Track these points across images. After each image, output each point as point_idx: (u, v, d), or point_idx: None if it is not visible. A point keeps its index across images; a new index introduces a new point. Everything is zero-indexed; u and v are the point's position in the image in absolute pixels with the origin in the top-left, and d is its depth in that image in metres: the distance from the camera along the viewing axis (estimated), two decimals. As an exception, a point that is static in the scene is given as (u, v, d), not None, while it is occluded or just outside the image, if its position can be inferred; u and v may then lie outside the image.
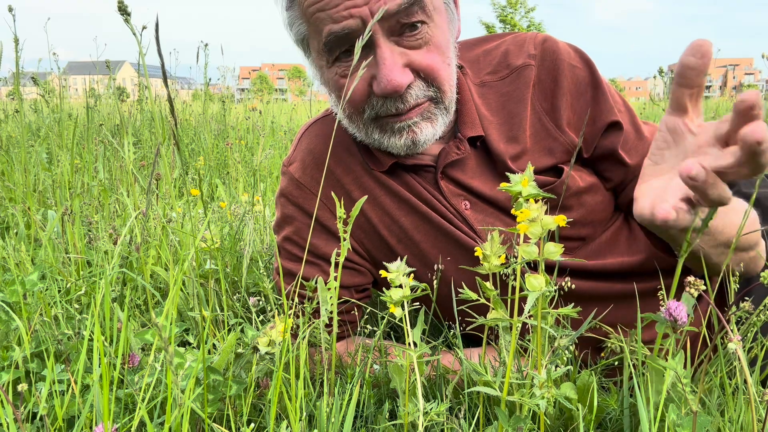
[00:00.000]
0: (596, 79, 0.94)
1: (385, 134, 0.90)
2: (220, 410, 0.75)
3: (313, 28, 0.85)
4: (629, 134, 0.93)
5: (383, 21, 0.80)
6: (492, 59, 0.99)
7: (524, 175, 0.58)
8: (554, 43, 0.96)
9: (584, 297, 0.91)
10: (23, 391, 0.66)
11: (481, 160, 0.96)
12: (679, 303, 0.62)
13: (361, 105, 0.88)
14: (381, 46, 0.82)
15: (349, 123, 0.93)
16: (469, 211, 0.95)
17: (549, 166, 0.93)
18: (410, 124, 0.88)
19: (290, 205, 1.03)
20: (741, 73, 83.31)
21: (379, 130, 0.90)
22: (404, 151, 0.92)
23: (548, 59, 0.95)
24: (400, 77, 0.82)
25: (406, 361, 0.69)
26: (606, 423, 0.74)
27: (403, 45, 0.84)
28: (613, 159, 0.93)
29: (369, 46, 0.83)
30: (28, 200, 1.73)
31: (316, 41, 0.86)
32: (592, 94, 0.93)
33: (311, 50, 0.91)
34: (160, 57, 0.62)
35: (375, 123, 0.90)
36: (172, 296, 0.66)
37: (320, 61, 0.89)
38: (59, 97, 3.03)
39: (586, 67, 0.95)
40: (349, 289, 1.02)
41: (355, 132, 0.95)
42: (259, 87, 22.00)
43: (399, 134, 0.89)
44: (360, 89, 0.86)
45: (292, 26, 0.90)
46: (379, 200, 0.98)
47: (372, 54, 0.83)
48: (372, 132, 0.91)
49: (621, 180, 0.95)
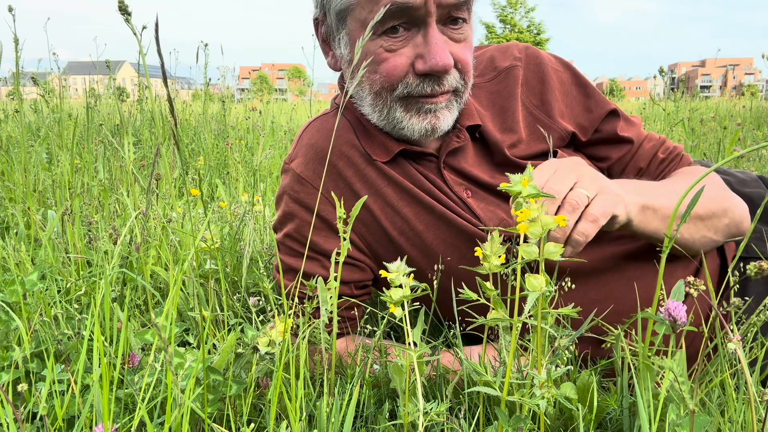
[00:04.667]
0: (580, 79, 1.04)
1: (408, 113, 0.92)
2: (220, 410, 0.75)
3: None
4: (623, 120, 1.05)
5: (439, 8, 0.85)
6: (478, 64, 1.05)
7: (524, 175, 0.58)
8: (536, 50, 1.06)
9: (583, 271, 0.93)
10: (23, 391, 0.66)
11: (479, 150, 1.00)
12: (678, 303, 0.62)
13: (397, 81, 0.90)
14: (432, 27, 0.86)
15: (372, 100, 0.94)
16: (471, 200, 0.98)
17: (544, 152, 0.99)
18: (437, 108, 0.91)
19: (291, 203, 1.03)
20: (741, 73, 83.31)
21: (404, 109, 0.92)
22: (419, 135, 0.93)
23: (532, 63, 1.03)
24: (448, 58, 0.87)
25: (406, 361, 0.69)
26: (606, 423, 0.74)
27: (446, 34, 0.88)
28: (614, 140, 1.04)
29: (418, 26, 0.87)
30: (28, 200, 1.73)
31: (366, 10, 0.88)
32: (578, 91, 1.03)
33: (351, 21, 0.91)
34: (160, 57, 0.62)
35: (402, 101, 0.92)
36: (172, 296, 0.66)
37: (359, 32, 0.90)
38: (59, 97, 3.03)
39: (568, 70, 1.05)
40: (349, 285, 1.02)
41: (370, 112, 0.96)
42: (259, 87, 22.01)
43: (424, 116, 0.91)
44: (401, 65, 0.89)
45: None
46: (381, 191, 0.99)
47: (419, 34, 0.87)
48: (394, 111, 0.92)
49: (622, 155, 1.04)
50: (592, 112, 1.03)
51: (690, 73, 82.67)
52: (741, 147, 3.05)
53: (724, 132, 3.09)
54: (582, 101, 1.03)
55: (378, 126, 0.97)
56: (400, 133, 0.95)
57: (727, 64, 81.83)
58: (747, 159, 2.87)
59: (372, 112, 0.95)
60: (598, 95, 1.04)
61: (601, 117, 1.03)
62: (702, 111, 5.74)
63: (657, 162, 1.04)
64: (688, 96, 7.28)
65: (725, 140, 3.08)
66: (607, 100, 1.04)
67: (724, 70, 75.10)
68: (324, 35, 0.99)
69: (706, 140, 3.50)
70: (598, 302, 0.92)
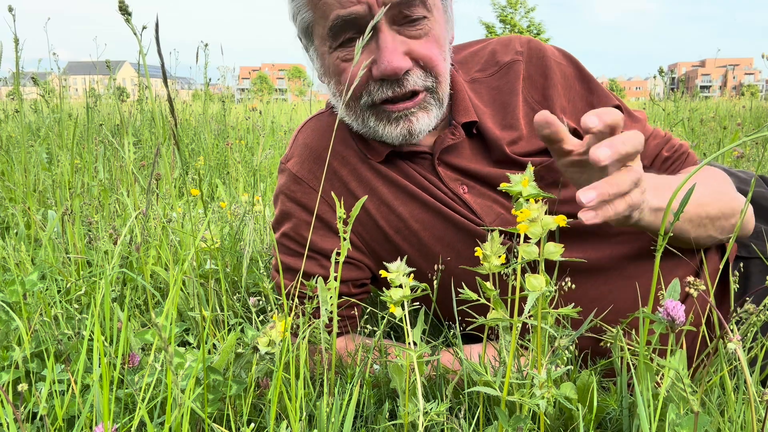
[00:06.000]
0: (583, 74, 1.02)
1: (381, 122, 0.92)
2: (220, 410, 0.75)
3: (319, 14, 0.88)
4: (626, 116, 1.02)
5: (388, 9, 0.84)
6: (479, 59, 1.03)
7: (524, 175, 0.58)
8: (539, 43, 1.03)
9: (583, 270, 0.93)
10: (23, 391, 0.66)
11: (477, 147, 0.99)
12: (677, 303, 0.62)
13: (360, 89, 0.90)
14: (383, 31, 0.85)
15: (347, 111, 0.95)
16: (468, 195, 0.97)
17: (545, 148, 0.97)
18: (407, 113, 0.90)
19: (288, 202, 1.03)
20: (741, 73, 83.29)
21: (375, 117, 0.92)
22: (399, 141, 0.94)
23: (535, 57, 1.00)
24: (400, 61, 0.86)
25: (406, 361, 0.69)
26: (606, 423, 0.74)
27: (403, 34, 0.87)
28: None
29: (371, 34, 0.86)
30: (28, 200, 1.73)
31: (321, 27, 0.89)
32: (581, 86, 1.01)
33: (315, 38, 0.93)
34: (160, 57, 0.62)
35: (371, 110, 0.92)
36: (172, 296, 0.66)
37: (323, 47, 0.92)
38: (59, 97, 3.03)
39: (571, 64, 1.02)
40: (347, 284, 1.02)
41: (351, 121, 0.97)
42: (259, 87, 22.02)
43: (396, 123, 0.91)
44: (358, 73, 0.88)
45: (297, 15, 0.93)
46: (377, 191, 0.99)
47: (372, 41, 0.86)
48: (368, 120, 0.93)
49: None
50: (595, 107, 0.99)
51: (690, 73, 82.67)
52: (740, 147, 3.04)
53: (724, 132, 3.09)
54: (585, 96, 1.01)
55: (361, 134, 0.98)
56: (382, 140, 0.95)
57: (727, 64, 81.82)
58: (747, 159, 2.87)
59: (352, 122, 0.96)
60: (601, 90, 1.02)
61: None
62: (702, 111, 5.74)
63: (661, 160, 1.02)
64: (687, 96, 7.27)
65: (725, 140, 3.08)
66: (610, 95, 1.02)
67: (724, 70, 75.10)
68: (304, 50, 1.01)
69: (706, 140, 3.50)
70: (598, 301, 0.91)
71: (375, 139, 0.97)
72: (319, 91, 1.10)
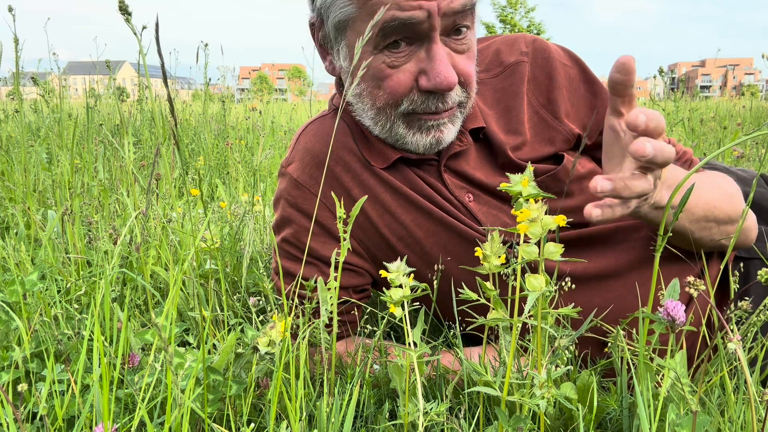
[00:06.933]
0: (588, 75, 1.00)
1: (411, 131, 0.90)
2: (220, 410, 0.75)
3: (366, 12, 0.84)
4: None
5: (444, 18, 0.81)
6: (483, 59, 1.01)
7: (524, 175, 0.58)
8: (544, 42, 1.01)
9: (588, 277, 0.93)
10: (23, 391, 0.66)
11: (482, 152, 0.97)
12: (677, 303, 0.62)
13: (402, 97, 0.87)
14: (436, 42, 0.83)
15: (375, 115, 0.92)
16: (473, 203, 0.96)
17: (549, 155, 0.96)
18: (439, 123, 0.89)
19: (289, 207, 1.02)
20: (741, 73, 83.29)
21: (406, 125, 0.90)
22: (424, 150, 0.92)
23: (540, 57, 0.98)
24: (453, 76, 0.84)
25: (406, 361, 0.69)
26: (606, 423, 0.74)
27: (449, 46, 0.85)
28: None
29: (421, 41, 0.84)
30: (28, 200, 1.73)
31: (364, 23, 0.83)
32: (585, 88, 0.99)
33: (351, 33, 0.88)
34: (160, 57, 0.62)
35: (405, 118, 0.90)
36: (172, 296, 0.66)
37: (366, 46, 0.86)
38: (59, 97, 3.03)
39: (576, 65, 1.00)
40: (347, 290, 1.02)
41: (371, 125, 0.94)
42: (259, 87, 21.99)
43: (427, 132, 0.90)
44: (405, 82, 0.86)
45: (332, 6, 0.88)
46: (380, 197, 0.97)
47: (421, 49, 0.84)
48: (397, 127, 0.91)
49: None
50: (599, 112, 0.99)
51: (690, 73, 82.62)
52: (740, 147, 3.05)
53: (724, 132, 3.09)
54: (589, 100, 0.99)
55: (379, 137, 0.96)
56: (403, 147, 0.94)
57: (727, 64, 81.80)
58: (747, 159, 2.87)
59: (374, 126, 0.93)
60: (605, 93, 1.00)
61: None
62: (702, 111, 5.74)
63: None
64: (687, 96, 7.27)
65: (725, 140, 3.08)
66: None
67: (724, 70, 75.06)
68: (321, 41, 0.96)
69: (706, 140, 3.50)
70: (603, 309, 0.90)
71: (394, 145, 0.95)
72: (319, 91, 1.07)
